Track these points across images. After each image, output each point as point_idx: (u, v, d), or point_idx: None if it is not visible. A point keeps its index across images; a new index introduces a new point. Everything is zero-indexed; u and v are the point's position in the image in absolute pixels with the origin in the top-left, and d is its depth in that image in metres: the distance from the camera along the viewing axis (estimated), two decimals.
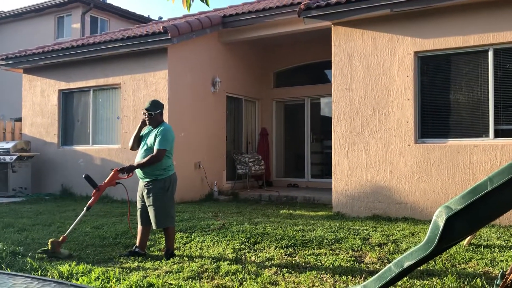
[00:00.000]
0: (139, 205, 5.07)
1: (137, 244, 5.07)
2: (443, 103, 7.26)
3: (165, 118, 9.25)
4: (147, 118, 5.01)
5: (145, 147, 4.97)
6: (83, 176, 5.12)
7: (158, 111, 5.02)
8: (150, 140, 4.97)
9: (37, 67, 11.45)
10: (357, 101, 7.64)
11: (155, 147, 4.86)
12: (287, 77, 12.59)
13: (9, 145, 10.91)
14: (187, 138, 9.68)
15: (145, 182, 4.95)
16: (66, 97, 11.34)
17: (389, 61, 7.42)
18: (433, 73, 7.37)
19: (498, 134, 6.80)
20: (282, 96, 12.49)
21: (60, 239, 5.01)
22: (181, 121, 9.67)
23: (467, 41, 6.90)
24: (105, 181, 5.09)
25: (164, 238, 5.28)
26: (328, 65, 8.79)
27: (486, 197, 2.23)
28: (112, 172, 5.10)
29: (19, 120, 12.50)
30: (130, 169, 4.93)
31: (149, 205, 4.91)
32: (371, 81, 7.54)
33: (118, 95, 10.45)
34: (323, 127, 11.93)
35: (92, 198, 5.08)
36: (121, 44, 9.85)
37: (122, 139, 10.13)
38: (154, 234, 5.81)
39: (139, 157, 4.99)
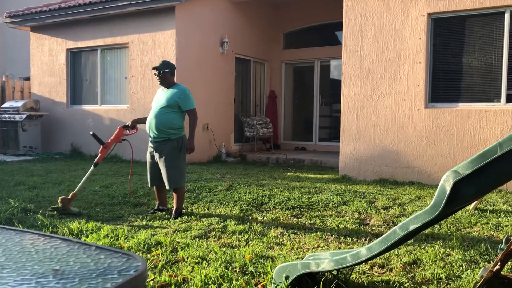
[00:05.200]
0: (150, 167, 5.11)
1: (158, 202, 5.23)
2: (455, 67, 7.12)
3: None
4: (157, 77, 4.99)
5: (161, 105, 4.93)
6: (90, 133, 5.24)
7: (167, 70, 4.99)
8: (166, 97, 4.94)
9: (44, 26, 11.33)
10: (367, 63, 7.51)
11: (188, 108, 4.97)
12: (297, 38, 12.38)
13: (19, 104, 10.96)
14: (195, 100, 9.46)
15: (157, 142, 4.94)
16: (74, 56, 11.27)
17: (401, 22, 7.24)
18: (446, 35, 7.19)
19: (510, 99, 6.69)
20: (291, 58, 12.31)
21: (69, 196, 5.10)
22: (189, 82, 9.60)
23: (483, 2, 6.68)
24: (112, 137, 5.23)
25: (172, 198, 5.34)
26: (339, 26, 8.61)
27: (495, 162, 2.21)
28: (118, 129, 5.24)
29: (28, 79, 12.50)
30: (192, 146, 5.01)
31: (162, 166, 4.91)
32: (382, 43, 7.39)
33: (126, 55, 10.36)
34: (332, 90, 11.81)
35: (100, 154, 5.20)
36: (129, 3, 9.68)
37: (131, 99, 10.12)
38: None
39: (154, 116, 4.94)
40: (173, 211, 5.01)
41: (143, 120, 5.28)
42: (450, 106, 7.02)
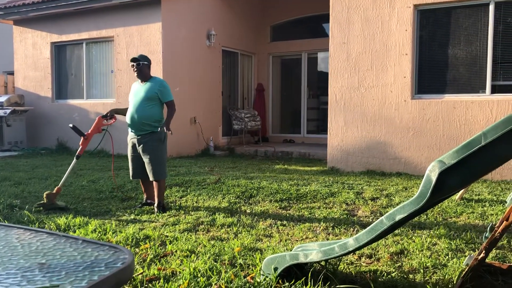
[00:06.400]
0: (132, 160, 5.09)
1: (145, 196, 5.23)
2: (441, 58, 7.17)
3: (159, 72, 9.15)
4: (135, 69, 4.96)
5: (141, 99, 4.89)
6: (70, 126, 5.19)
7: (146, 63, 4.98)
8: (145, 90, 4.91)
9: (28, 19, 11.15)
10: (354, 55, 7.54)
11: (167, 99, 4.94)
12: (284, 30, 12.36)
13: (2, 98, 10.80)
14: (182, 93, 9.60)
15: (140, 135, 4.93)
16: (58, 50, 11.12)
17: (388, 14, 7.26)
18: (432, 27, 7.23)
19: (495, 89, 6.77)
20: (278, 51, 12.30)
21: (54, 191, 5.06)
22: (175, 76, 9.56)
23: None
24: (91, 128, 5.17)
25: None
26: (326, 18, 8.61)
27: (480, 151, 2.23)
28: (97, 119, 5.20)
29: (12, 73, 12.31)
30: (168, 127, 4.93)
31: (146, 158, 4.91)
32: (369, 35, 7.41)
33: (111, 48, 10.26)
34: (320, 82, 11.83)
35: (81, 146, 5.17)
36: None
37: (117, 93, 10.03)
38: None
39: (135, 110, 4.90)
40: (155, 206, 4.98)
41: (121, 111, 5.25)
42: (436, 97, 7.08)
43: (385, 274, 3.05)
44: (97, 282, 0.89)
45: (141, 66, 4.94)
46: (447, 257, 3.38)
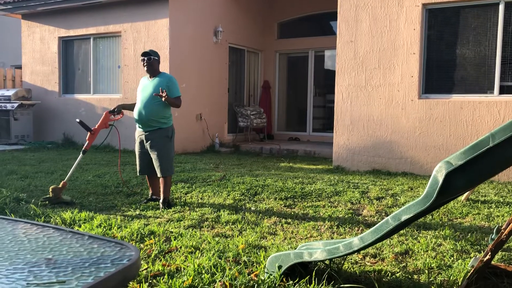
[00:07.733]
0: (139, 156, 5.10)
1: (151, 192, 5.24)
2: (449, 58, 7.13)
3: (166, 68, 9.15)
4: (145, 63, 4.95)
5: (150, 94, 4.89)
6: (77, 121, 5.21)
7: (156, 58, 4.99)
8: (154, 86, 4.90)
9: (36, 13, 11.19)
10: (361, 54, 7.50)
11: (175, 95, 4.93)
12: (291, 28, 12.32)
13: (10, 92, 10.85)
14: (188, 89, 9.60)
15: (148, 132, 4.94)
16: (66, 44, 11.16)
17: (396, 13, 7.22)
18: (441, 26, 7.19)
19: (503, 90, 6.72)
20: (285, 48, 12.26)
21: (60, 185, 5.08)
22: (182, 72, 9.56)
23: None
24: (98, 123, 5.19)
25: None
26: (333, 16, 8.57)
27: (488, 153, 2.22)
28: (104, 114, 5.22)
29: (20, 67, 12.36)
30: (170, 101, 4.86)
31: (154, 154, 4.93)
32: (377, 33, 7.38)
33: (118, 44, 10.27)
34: (327, 80, 11.79)
35: (88, 141, 5.18)
36: None
37: (123, 88, 10.06)
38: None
39: (143, 106, 4.90)
40: (160, 202, 5.00)
41: (128, 106, 5.27)
42: (444, 97, 7.04)
43: (390, 274, 3.04)
44: (103, 279, 0.89)
45: (152, 60, 4.94)
46: (452, 258, 3.36)
